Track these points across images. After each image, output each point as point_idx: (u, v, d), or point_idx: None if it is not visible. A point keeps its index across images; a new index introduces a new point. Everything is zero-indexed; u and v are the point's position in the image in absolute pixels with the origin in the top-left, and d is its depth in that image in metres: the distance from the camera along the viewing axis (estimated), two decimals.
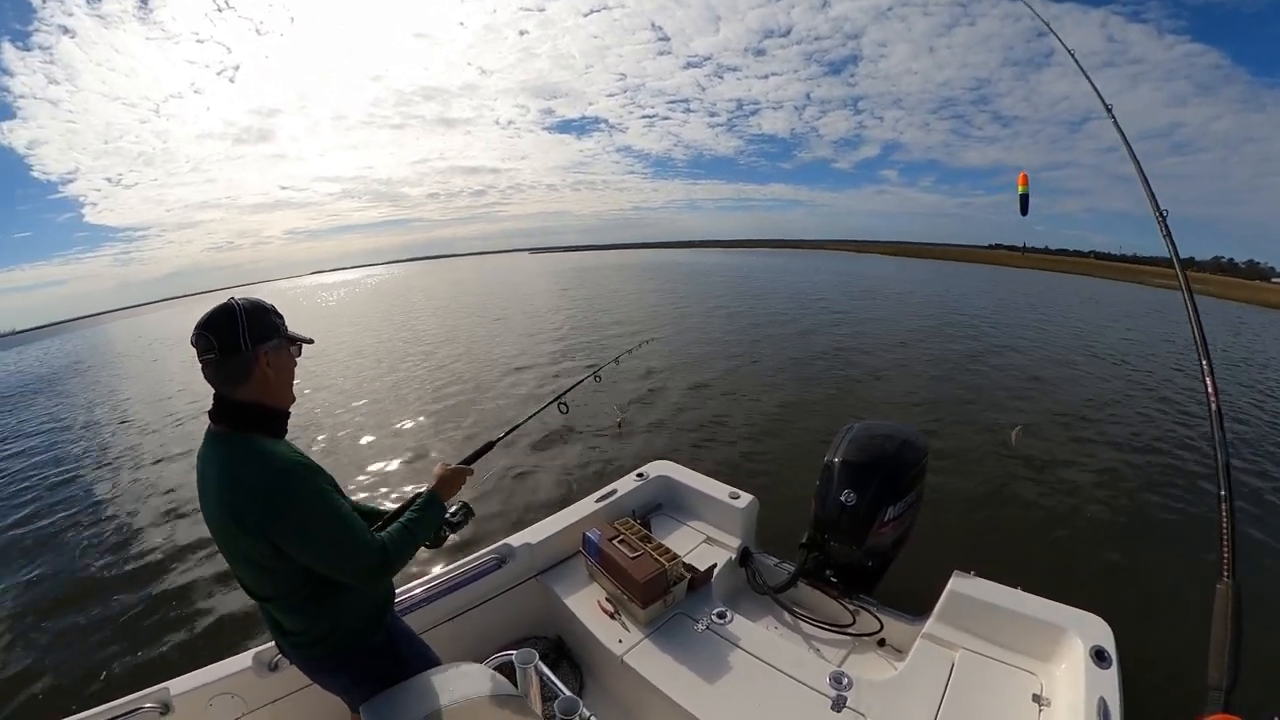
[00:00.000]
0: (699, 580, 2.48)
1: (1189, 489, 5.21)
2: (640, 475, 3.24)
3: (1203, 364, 1.63)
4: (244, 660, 1.96)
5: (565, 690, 1.57)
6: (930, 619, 2.28)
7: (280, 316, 1.43)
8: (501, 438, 2.23)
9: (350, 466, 6.47)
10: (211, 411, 1.37)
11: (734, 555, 2.82)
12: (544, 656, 2.55)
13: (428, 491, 1.64)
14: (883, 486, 2.60)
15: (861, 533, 2.58)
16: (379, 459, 6.68)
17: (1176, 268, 1.86)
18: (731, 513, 2.93)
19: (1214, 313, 24.49)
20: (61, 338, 58.86)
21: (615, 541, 2.49)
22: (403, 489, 5.71)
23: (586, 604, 2.49)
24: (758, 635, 2.25)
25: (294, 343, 1.46)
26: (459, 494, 1.75)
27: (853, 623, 2.51)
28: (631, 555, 2.39)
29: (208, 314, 1.33)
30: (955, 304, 20.63)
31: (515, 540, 2.67)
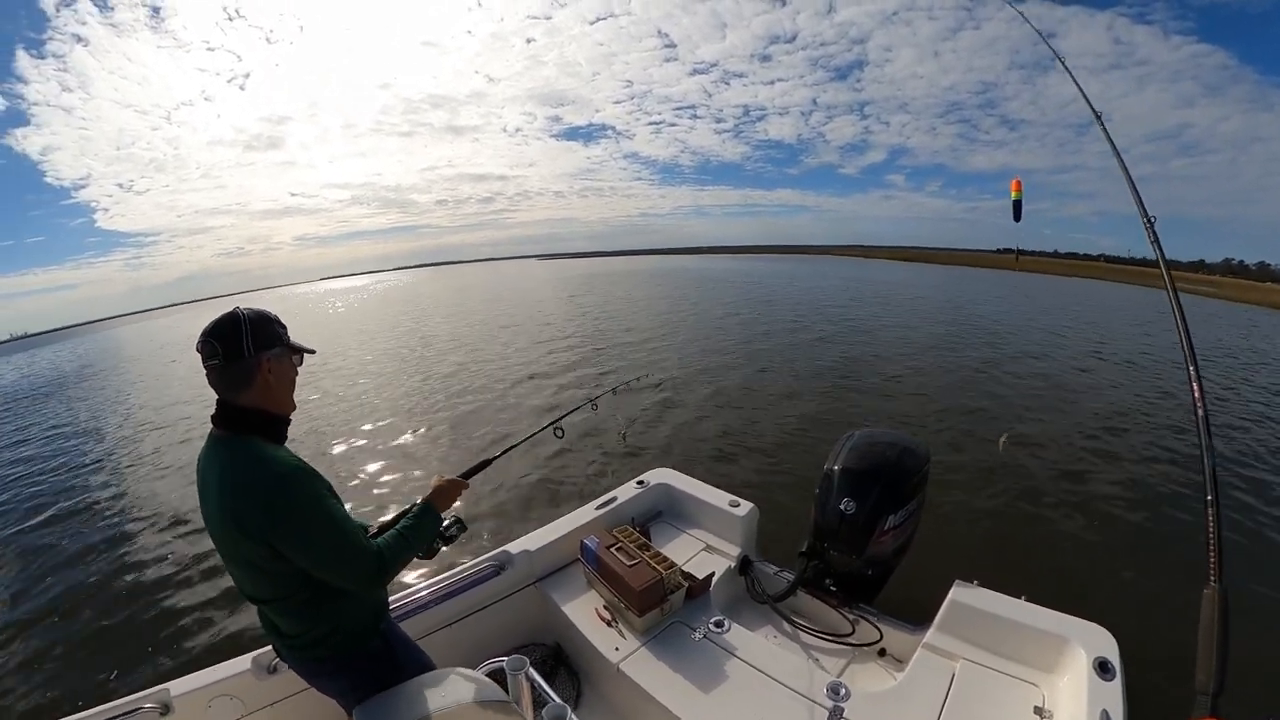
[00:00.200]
0: (697, 589, 2.46)
1: (1198, 496, 5.14)
2: (641, 482, 3.23)
3: (1189, 369, 1.62)
4: (243, 663, 1.97)
5: (556, 698, 1.56)
6: (931, 629, 2.25)
7: (283, 326, 1.47)
8: (497, 457, 2.24)
9: (353, 474, 6.51)
10: (214, 416, 1.40)
11: (734, 564, 2.81)
12: (542, 664, 2.55)
13: (424, 501, 1.66)
14: (883, 495, 2.58)
15: (861, 541, 2.56)
16: (382, 469, 6.70)
17: (1163, 272, 1.86)
18: (732, 521, 2.92)
19: (1226, 316, 24.35)
20: (73, 341, 59.63)
21: (613, 549, 2.48)
22: (407, 495, 5.73)
23: (584, 611, 2.48)
24: (755, 644, 2.24)
25: (296, 352, 1.50)
26: (454, 508, 1.77)
27: (852, 632, 2.48)
28: (629, 563, 2.38)
29: (213, 321, 1.37)
30: (964, 310, 20.52)
31: (514, 547, 2.67)
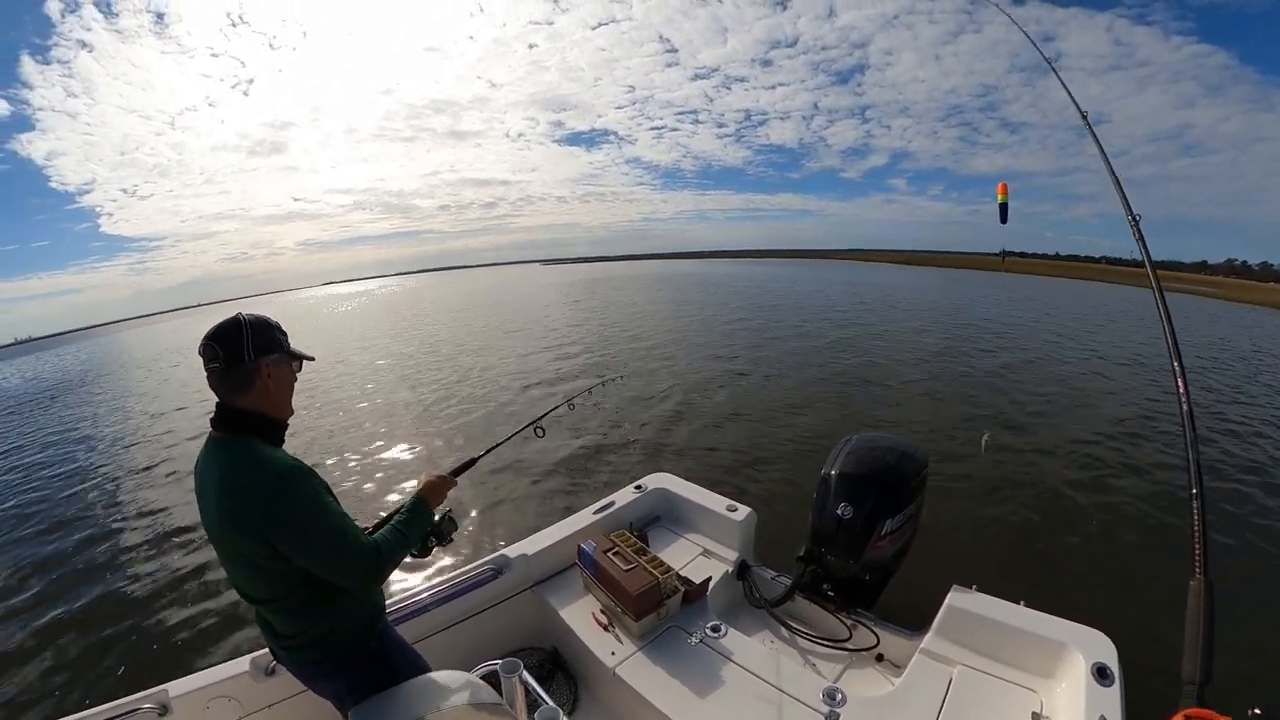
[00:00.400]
0: (694, 593, 2.46)
1: (1215, 497, 5.13)
2: (639, 487, 3.23)
3: (1174, 365, 1.63)
4: (241, 665, 1.97)
5: (549, 701, 1.57)
6: (928, 634, 2.24)
7: (284, 333, 1.51)
8: (482, 455, 2.25)
9: (351, 475, 6.52)
10: (213, 419, 1.43)
11: (731, 568, 2.80)
12: (540, 667, 2.55)
13: (415, 497, 1.69)
14: (880, 500, 2.56)
15: (858, 546, 2.54)
16: (380, 469, 6.70)
17: (1148, 271, 1.86)
18: (729, 525, 2.91)
19: (1228, 317, 24.35)
20: (76, 345, 59.93)
21: (610, 554, 2.48)
22: (404, 493, 5.74)
23: (581, 616, 2.48)
24: (751, 649, 2.23)
25: (296, 359, 1.53)
26: (443, 506, 1.80)
27: (849, 637, 2.47)
28: (625, 568, 2.38)
29: (216, 326, 1.40)
30: (961, 313, 20.43)
31: (512, 551, 2.67)
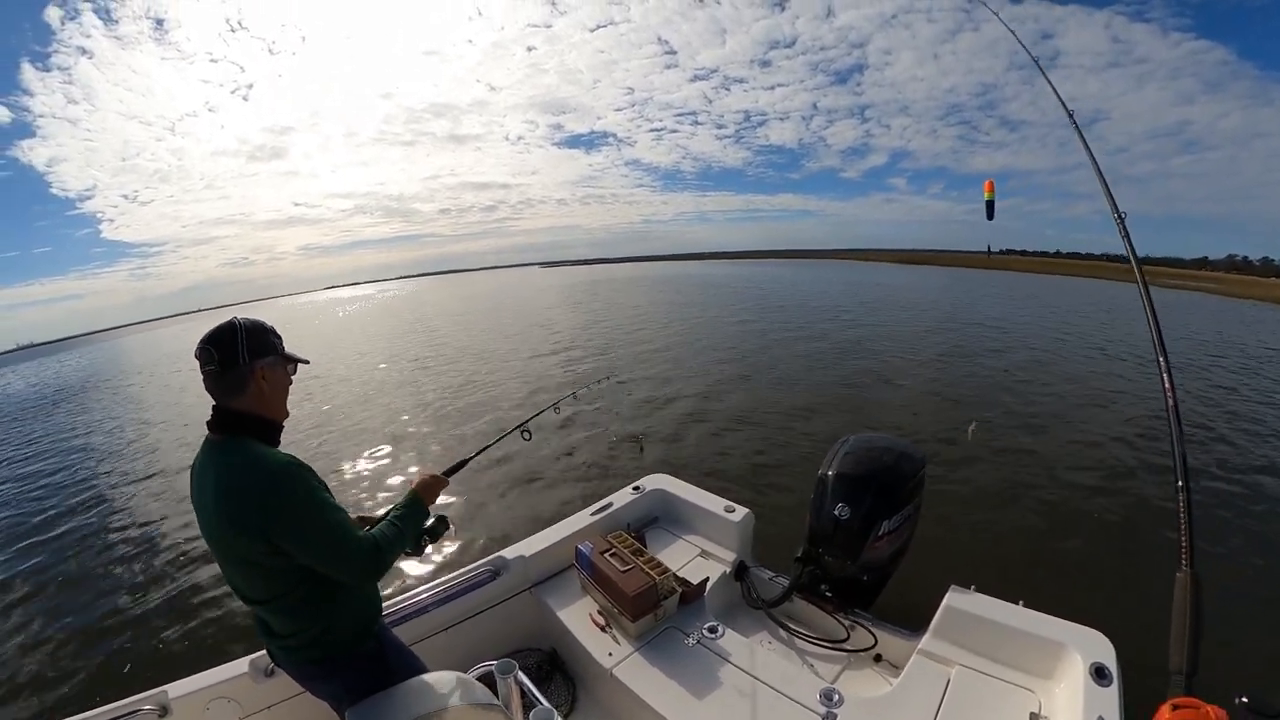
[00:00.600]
0: (691, 594, 2.47)
1: (1201, 496, 5.13)
2: (636, 488, 3.23)
3: (1160, 360, 1.63)
4: (241, 666, 1.98)
5: (544, 701, 1.57)
6: (926, 634, 2.24)
7: (279, 337, 1.53)
8: (473, 456, 2.27)
9: (350, 475, 6.59)
10: (210, 421, 1.44)
11: (729, 569, 2.80)
12: (538, 668, 2.55)
13: (410, 493, 1.71)
14: (877, 500, 2.57)
15: (856, 547, 2.55)
16: (379, 468, 6.80)
17: (1134, 266, 1.87)
18: (727, 526, 2.91)
19: (1229, 313, 24.37)
20: (78, 351, 60.08)
21: (607, 555, 2.48)
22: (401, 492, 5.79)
23: (579, 617, 2.49)
24: (749, 650, 2.23)
25: (290, 361, 1.55)
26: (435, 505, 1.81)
27: (847, 638, 2.47)
28: (622, 569, 2.38)
29: (211, 330, 1.43)
30: (967, 313, 20.38)
31: (509, 553, 2.68)
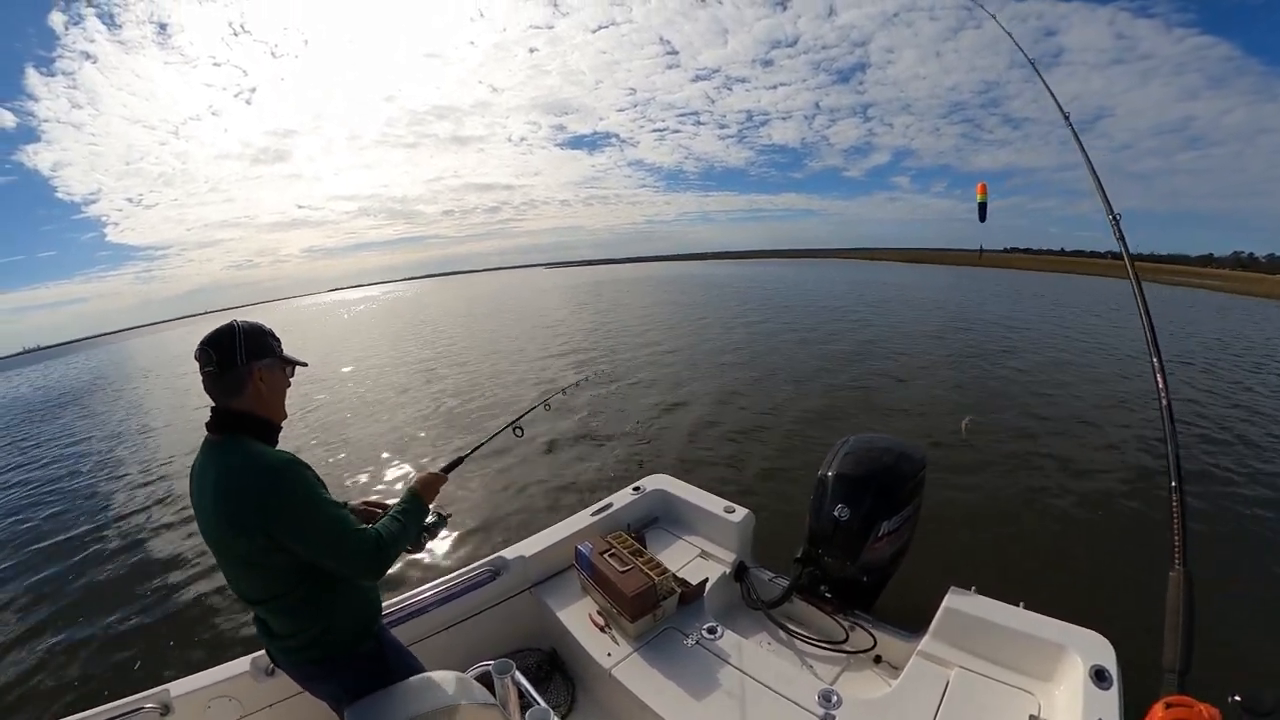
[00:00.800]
0: (690, 594, 2.47)
1: (1204, 498, 5.10)
2: (637, 489, 3.23)
3: (1153, 360, 1.63)
4: (242, 665, 1.99)
5: (541, 701, 1.58)
6: (925, 636, 2.24)
7: (277, 339, 1.55)
8: (470, 453, 2.29)
9: (352, 475, 6.60)
10: (209, 422, 1.46)
11: (728, 570, 2.80)
12: (537, 669, 2.56)
13: (410, 490, 1.73)
14: (877, 501, 2.56)
15: (855, 548, 2.54)
16: (381, 469, 6.82)
17: (1128, 267, 1.87)
18: (727, 527, 2.91)
19: (1235, 309, 24.30)
20: (84, 354, 60.40)
21: (606, 555, 2.49)
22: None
23: (578, 617, 2.49)
24: (748, 651, 2.23)
25: (288, 364, 1.57)
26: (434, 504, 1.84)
27: (846, 639, 2.47)
28: (621, 569, 2.39)
29: (211, 332, 1.45)
30: (971, 312, 20.32)
31: (509, 553, 2.68)
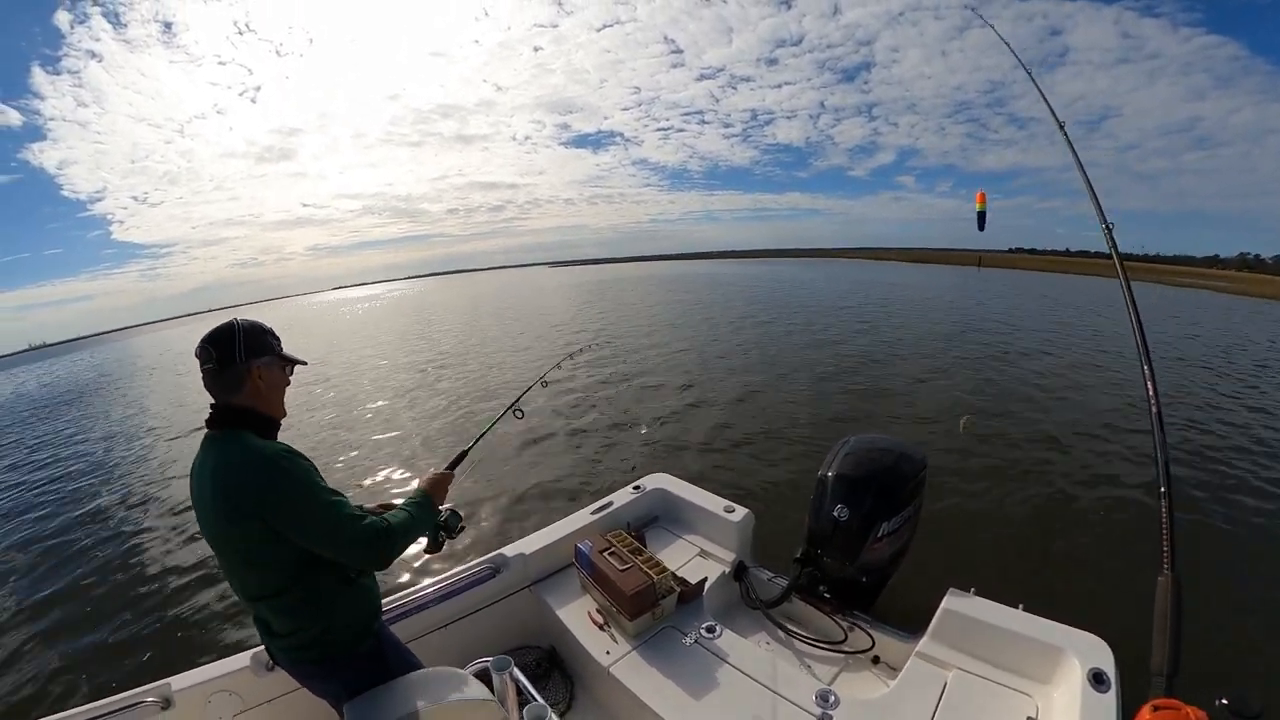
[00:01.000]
0: (689, 593, 2.47)
1: (1208, 499, 5.09)
2: (637, 488, 3.24)
3: (1144, 368, 1.64)
4: (243, 659, 2.01)
5: (539, 698, 1.59)
6: (924, 637, 2.24)
7: (276, 338, 1.56)
8: (471, 446, 2.31)
9: (359, 472, 6.64)
10: (208, 419, 1.47)
11: (728, 569, 2.80)
12: (536, 666, 2.57)
13: (418, 490, 1.74)
14: (877, 501, 2.56)
15: (855, 548, 2.54)
16: (388, 465, 6.87)
17: (1120, 274, 1.88)
18: (727, 526, 2.91)
19: (1239, 309, 24.23)
20: (89, 351, 60.67)
21: (606, 553, 2.50)
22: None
23: (578, 615, 2.50)
24: (746, 650, 2.24)
25: (287, 362, 1.58)
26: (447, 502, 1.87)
27: (845, 639, 2.47)
28: (621, 567, 2.39)
29: (211, 330, 1.47)
30: (976, 312, 20.22)
31: (509, 550, 2.69)
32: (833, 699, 1.94)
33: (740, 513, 2.92)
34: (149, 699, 1.88)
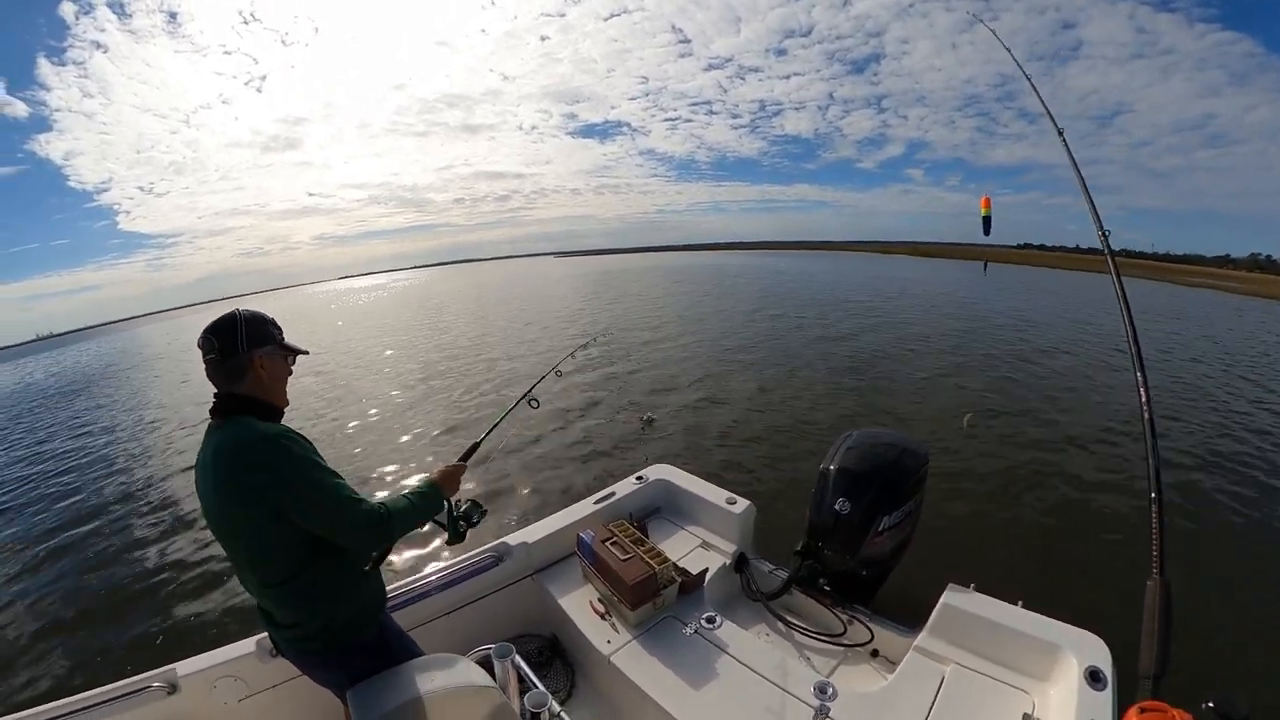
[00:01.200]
0: (690, 584, 2.49)
1: (1213, 500, 5.07)
2: (640, 478, 3.25)
3: (1137, 375, 1.64)
4: (248, 645, 2.03)
5: (539, 685, 1.60)
6: (922, 632, 2.25)
7: (278, 328, 1.57)
8: (484, 437, 2.32)
9: (369, 463, 6.70)
10: (212, 408, 1.49)
11: (729, 560, 2.81)
12: (538, 654, 2.60)
13: (427, 479, 1.75)
14: (878, 496, 2.57)
15: (855, 542, 2.56)
16: (399, 457, 6.91)
17: (1114, 280, 1.88)
18: (728, 518, 2.92)
19: (1250, 310, 23.97)
20: (97, 341, 61.11)
21: (608, 543, 2.51)
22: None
23: (579, 604, 2.52)
24: (746, 641, 2.25)
25: (289, 352, 1.59)
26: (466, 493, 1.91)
27: (844, 632, 2.48)
28: (623, 557, 2.40)
29: (213, 321, 1.48)
30: (985, 308, 20.06)
31: (513, 539, 2.71)
32: (831, 691, 1.95)
33: (742, 504, 2.93)
34: (155, 684, 1.92)
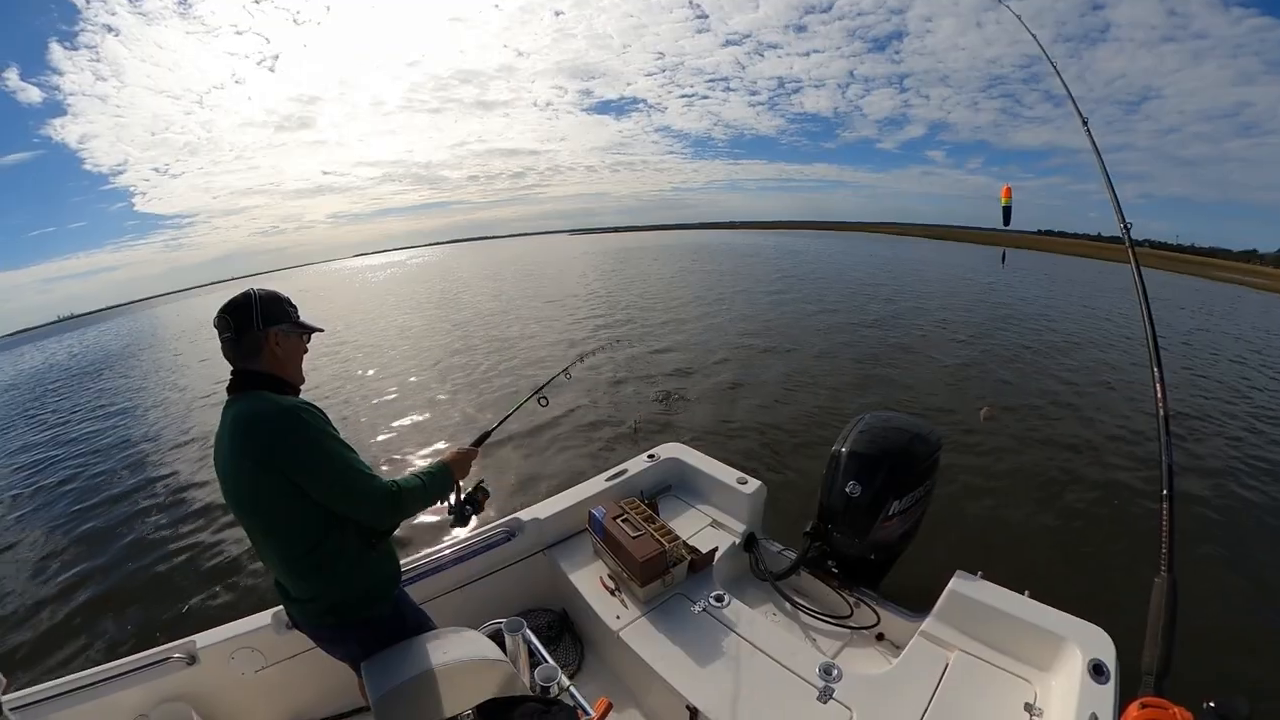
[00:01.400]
0: (700, 563, 2.51)
1: (1216, 505, 5.00)
2: (651, 456, 3.27)
3: (1153, 371, 1.62)
4: (264, 618, 2.09)
5: (549, 659, 1.64)
6: (929, 617, 2.26)
7: (293, 306, 1.59)
8: (496, 426, 2.34)
9: (385, 442, 6.81)
10: (229, 385, 1.52)
11: (738, 540, 2.84)
12: (548, 628, 2.64)
13: (439, 460, 1.78)
14: (889, 480, 2.56)
15: (865, 525, 2.56)
16: (413, 437, 7.03)
17: (1135, 277, 1.84)
18: (739, 498, 2.94)
19: (1277, 308, 23.40)
20: (117, 321, 62.17)
21: (619, 520, 2.54)
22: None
23: (590, 580, 2.56)
24: (753, 621, 2.28)
25: (304, 329, 1.61)
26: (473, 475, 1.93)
27: (850, 615, 2.50)
28: (633, 534, 2.43)
29: (229, 300, 1.51)
30: (1006, 295, 19.69)
31: (525, 515, 2.75)
32: (835, 672, 1.97)
33: (753, 484, 2.94)
34: (176, 655, 1.99)
